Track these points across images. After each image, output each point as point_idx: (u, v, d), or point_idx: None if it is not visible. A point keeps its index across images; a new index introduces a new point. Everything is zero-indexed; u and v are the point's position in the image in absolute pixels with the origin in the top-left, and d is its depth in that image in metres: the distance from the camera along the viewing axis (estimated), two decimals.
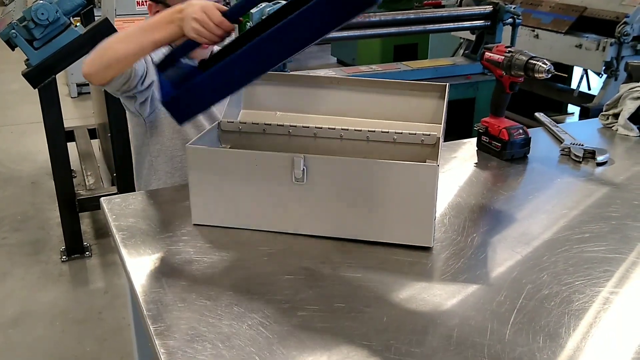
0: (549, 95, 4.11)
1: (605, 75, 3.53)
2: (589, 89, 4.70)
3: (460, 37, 4.37)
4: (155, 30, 1.33)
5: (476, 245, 1.29)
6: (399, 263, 1.21)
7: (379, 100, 1.58)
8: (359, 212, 1.26)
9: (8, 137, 4.88)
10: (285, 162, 1.25)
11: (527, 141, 1.75)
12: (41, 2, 2.52)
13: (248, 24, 2.91)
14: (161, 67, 1.35)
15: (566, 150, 1.77)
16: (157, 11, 1.61)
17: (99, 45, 1.41)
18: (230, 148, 1.42)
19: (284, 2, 1.30)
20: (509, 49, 1.67)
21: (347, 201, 1.26)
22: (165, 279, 1.15)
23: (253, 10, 2.87)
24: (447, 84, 1.54)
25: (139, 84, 1.57)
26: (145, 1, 5.64)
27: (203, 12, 1.23)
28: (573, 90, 3.88)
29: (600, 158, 1.71)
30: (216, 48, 1.62)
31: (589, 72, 4.43)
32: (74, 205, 3.02)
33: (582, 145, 1.77)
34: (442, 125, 1.40)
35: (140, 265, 1.21)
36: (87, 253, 3.13)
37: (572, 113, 5.00)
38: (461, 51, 4.23)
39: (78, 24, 2.99)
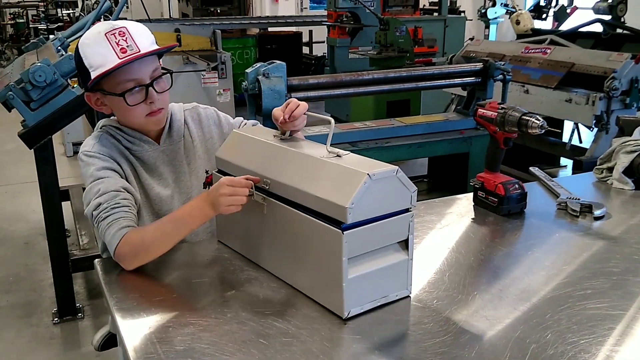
0: (542, 148, 4.15)
1: (595, 129, 3.58)
2: (580, 142, 4.75)
3: (452, 93, 4.44)
4: (190, 220, 1.41)
5: (477, 302, 1.26)
6: (398, 314, 1.18)
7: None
8: (295, 263, 1.28)
9: (2, 197, 4.86)
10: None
11: (523, 196, 1.75)
12: (39, 64, 2.56)
13: (243, 83, 2.94)
14: None
15: (563, 204, 1.77)
16: (98, 99, 1.53)
17: (127, 239, 1.38)
18: None
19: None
20: (502, 105, 1.69)
21: (287, 248, 1.30)
22: (160, 344, 1.12)
23: (248, 70, 2.91)
24: None
25: None
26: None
27: (228, 185, 1.34)
28: (565, 143, 3.92)
29: (597, 212, 1.71)
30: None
31: (580, 125, 4.49)
32: (67, 266, 2.97)
33: (579, 199, 1.77)
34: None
35: (133, 328, 1.18)
36: (79, 315, 3.06)
37: (565, 166, 5.04)
38: (453, 106, 4.29)
39: (75, 85, 3.03)
